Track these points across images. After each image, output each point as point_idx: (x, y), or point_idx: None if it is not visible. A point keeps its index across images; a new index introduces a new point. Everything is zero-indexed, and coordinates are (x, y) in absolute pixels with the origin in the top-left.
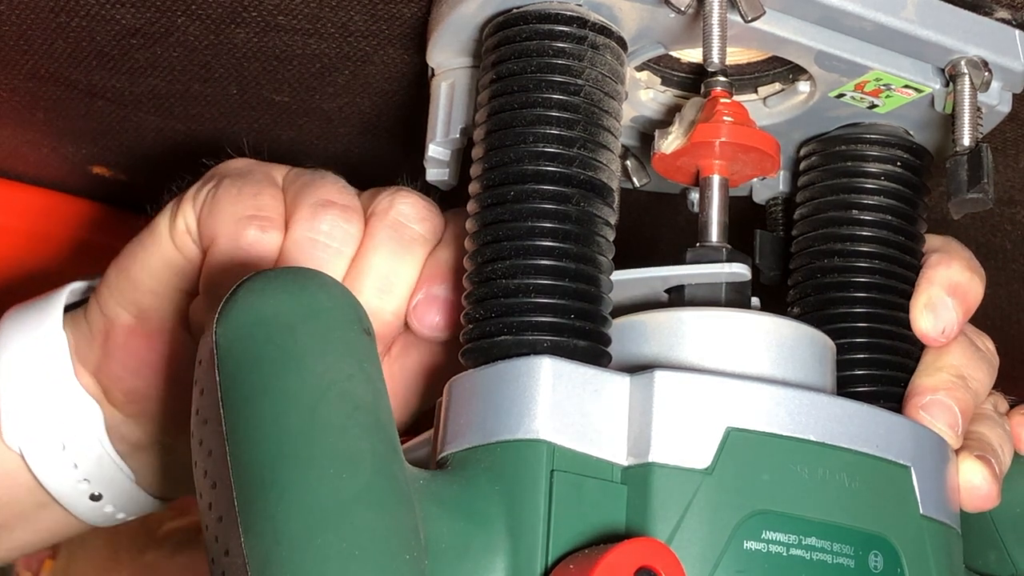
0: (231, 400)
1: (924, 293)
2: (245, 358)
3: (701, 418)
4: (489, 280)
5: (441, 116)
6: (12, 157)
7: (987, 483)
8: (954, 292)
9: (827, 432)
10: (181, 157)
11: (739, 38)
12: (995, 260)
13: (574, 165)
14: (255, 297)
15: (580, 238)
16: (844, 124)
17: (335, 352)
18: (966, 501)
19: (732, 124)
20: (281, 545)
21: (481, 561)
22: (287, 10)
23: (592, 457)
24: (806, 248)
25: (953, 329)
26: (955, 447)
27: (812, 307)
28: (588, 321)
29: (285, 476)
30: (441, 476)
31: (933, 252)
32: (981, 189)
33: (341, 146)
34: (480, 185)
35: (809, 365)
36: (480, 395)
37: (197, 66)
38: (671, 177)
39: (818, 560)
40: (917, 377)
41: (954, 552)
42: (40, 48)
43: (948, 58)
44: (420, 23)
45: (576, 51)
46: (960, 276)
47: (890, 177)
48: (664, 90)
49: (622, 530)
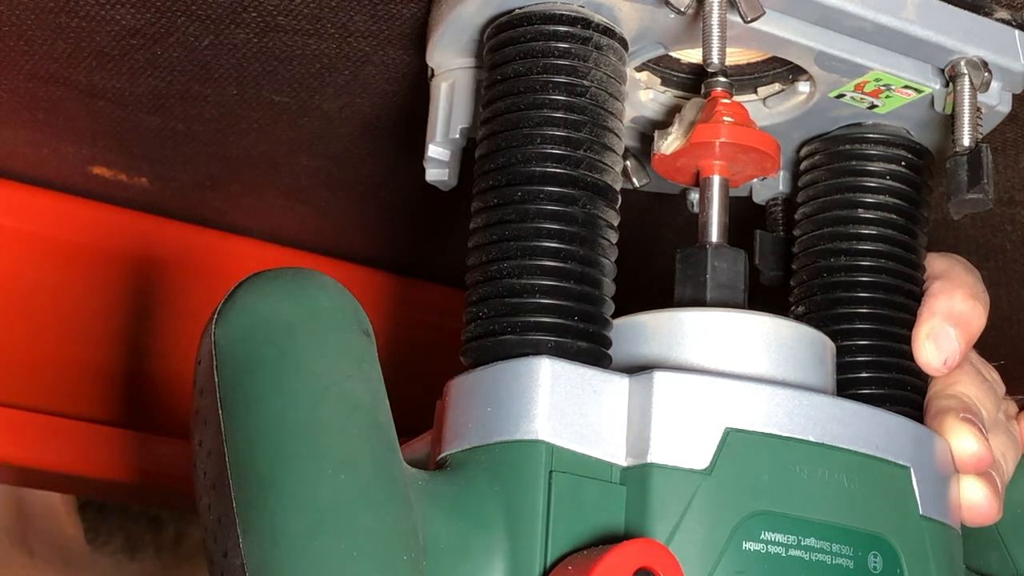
0: (230, 401)
1: (926, 323)
2: (244, 359)
3: (700, 419)
4: (493, 279)
5: (441, 116)
6: (12, 157)
7: (987, 500)
8: (956, 322)
9: (826, 433)
10: (181, 157)
11: (739, 38)
12: (995, 260)
13: (581, 167)
14: (254, 297)
15: (585, 240)
16: (844, 124)
17: (334, 353)
18: (967, 517)
19: (732, 124)
20: (279, 546)
21: (480, 562)
22: (287, 10)
23: (591, 458)
24: (810, 248)
25: (955, 359)
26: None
27: (817, 307)
28: (591, 323)
29: (284, 477)
30: (440, 477)
31: (935, 279)
32: (981, 189)
33: (341, 146)
34: (485, 184)
35: (809, 366)
36: (479, 396)
37: (197, 66)
38: (671, 178)
39: (817, 561)
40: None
41: (954, 552)
42: (40, 48)
43: (948, 58)
44: (420, 23)
45: (581, 52)
46: (962, 305)
47: (894, 176)
48: (664, 90)
49: (621, 531)
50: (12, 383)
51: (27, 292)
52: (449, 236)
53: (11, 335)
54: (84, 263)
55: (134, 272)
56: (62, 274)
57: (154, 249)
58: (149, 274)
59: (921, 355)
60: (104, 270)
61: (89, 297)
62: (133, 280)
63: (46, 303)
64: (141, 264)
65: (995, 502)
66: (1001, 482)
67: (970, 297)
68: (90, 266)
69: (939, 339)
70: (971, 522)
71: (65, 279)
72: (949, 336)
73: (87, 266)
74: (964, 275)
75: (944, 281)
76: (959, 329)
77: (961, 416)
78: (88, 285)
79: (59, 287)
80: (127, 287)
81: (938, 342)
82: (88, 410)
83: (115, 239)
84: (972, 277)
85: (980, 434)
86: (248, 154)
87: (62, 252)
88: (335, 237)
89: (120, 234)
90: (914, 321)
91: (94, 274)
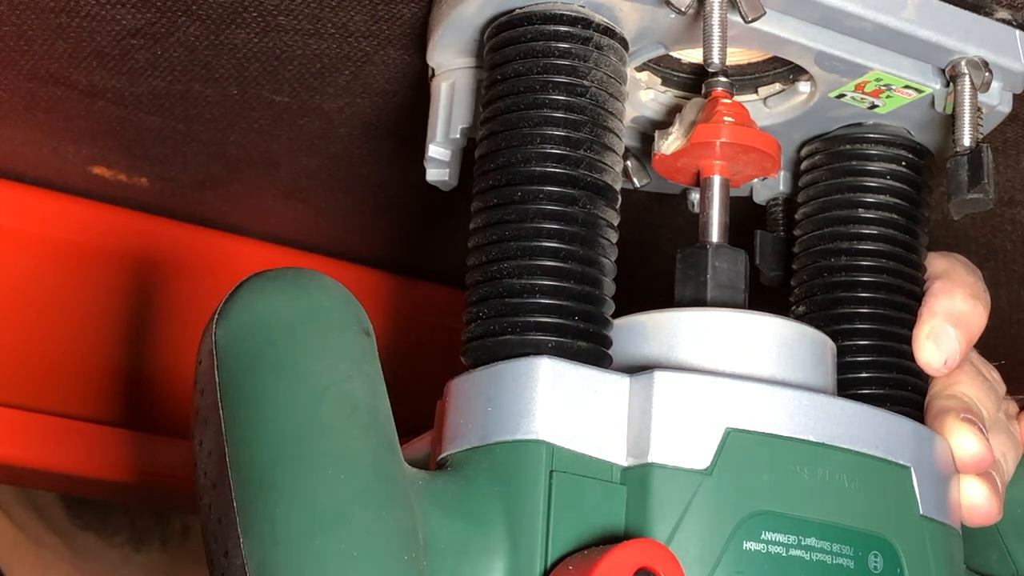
0: (230, 401)
1: (927, 323)
2: (244, 359)
3: (700, 419)
4: (493, 279)
5: (441, 116)
6: (12, 157)
7: (988, 500)
8: (957, 322)
9: (827, 433)
10: (181, 157)
11: (739, 38)
12: (995, 260)
13: (580, 167)
14: (254, 298)
15: (585, 240)
16: (845, 124)
17: (334, 353)
18: (967, 517)
19: (732, 124)
20: (280, 546)
21: (480, 562)
22: (287, 10)
23: (591, 458)
24: (810, 248)
25: (956, 359)
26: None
27: (818, 306)
28: (591, 323)
29: (284, 477)
30: (440, 476)
31: (936, 279)
32: (981, 189)
33: (341, 146)
34: (485, 184)
35: (809, 365)
36: (480, 396)
37: (197, 66)
38: (671, 178)
39: (818, 561)
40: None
41: (955, 552)
42: (40, 48)
43: (948, 58)
44: (420, 23)
45: (581, 52)
46: (963, 305)
47: (895, 176)
48: (664, 90)
49: (621, 531)
50: (12, 383)
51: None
52: (449, 236)
53: (11, 335)
54: (84, 263)
55: (134, 272)
56: (62, 274)
57: (154, 249)
58: (149, 274)
59: (922, 355)
60: (104, 270)
61: (89, 297)
62: (133, 280)
63: (46, 303)
64: (141, 264)
65: (995, 502)
66: (1001, 482)
67: (971, 297)
68: (90, 266)
69: (940, 339)
70: (971, 522)
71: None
72: (950, 336)
73: (87, 266)
74: (965, 275)
75: (945, 281)
76: (960, 329)
77: (962, 416)
78: (88, 285)
79: (59, 287)
80: (127, 287)
81: (939, 342)
82: (88, 410)
83: (115, 239)
84: (973, 277)
85: (981, 434)
86: (248, 154)
87: (62, 252)
88: (335, 237)
89: (120, 234)
90: (915, 321)
91: (94, 274)
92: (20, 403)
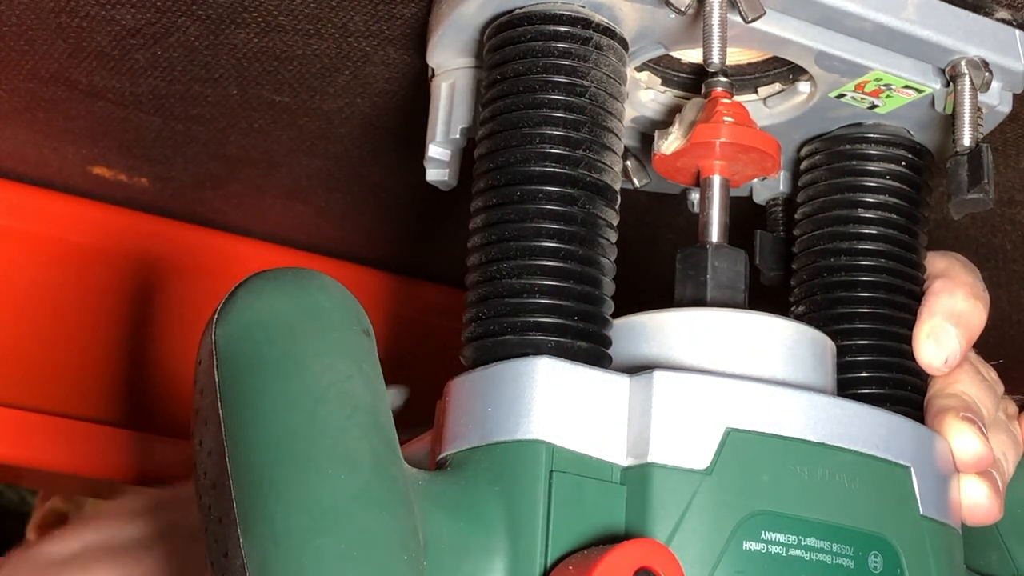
0: (230, 401)
1: (927, 322)
2: (244, 359)
3: (700, 419)
4: (493, 279)
5: (441, 116)
6: (12, 157)
7: (988, 500)
8: (957, 321)
9: (827, 432)
10: (181, 157)
11: (739, 38)
12: (995, 260)
13: (580, 167)
14: (254, 298)
15: (585, 240)
16: (844, 124)
17: (334, 353)
18: (968, 517)
19: (732, 124)
20: (280, 546)
21: (480, 562)
22: (287, 10)
23: (591, 458)
24: (810, 247)
25: (956, 358)
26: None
27: (818, 306)
28: (590, 323)
29: (284, 477)
30: (440, 476)
31: (936, 278)
32: (981, 189)
33: (341, 146)
34: (485, 184)
35: (809, 365)
36: (479, 396)
37: (197, 66)
38: (671, 178)
39: (817, 561)
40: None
41: (955, 552)
42: (40, 48)
43: (948, 58)
44: (420, 23)
45: (581, 52)
46: (963, 304)
47: (894, 176)
48: (664, 90)
49: (621, 531)
50: (12, 383)
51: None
52: (449, 236)
53: (11, 335)
54: (84, 263)
55: (134, 272)
56: (62, 274)
57: (154, 249)
58: (149, 274)
59: (922, 354)
60: (104, 270)
61: (89, 297)
62: (133, 280)
63: (46, 303)
64: (141, 264)
65: (996, 502)
66: (1001, 481)
67: (971, 296)
68: (90, 266)
69: (940, 338)
70: (972, 522)
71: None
72: (950, 335)
73: (87, 266)
74: (964, 274)
75: (945, 280)
76: (960, 328)
77: (961, 415)
78: (88, 285)
79: (59, 287)
80: (127, 287)
81: (939, 341)
82: (88, 410)
83: (115, 239)
84: (972, 276)
85: (980, 433)
86: (248, 154)
87: (62, 252)
88: (335, 237)
89: (120, 234)
90: (914, 321)
91: (94, 274)
92: (20, 403)
